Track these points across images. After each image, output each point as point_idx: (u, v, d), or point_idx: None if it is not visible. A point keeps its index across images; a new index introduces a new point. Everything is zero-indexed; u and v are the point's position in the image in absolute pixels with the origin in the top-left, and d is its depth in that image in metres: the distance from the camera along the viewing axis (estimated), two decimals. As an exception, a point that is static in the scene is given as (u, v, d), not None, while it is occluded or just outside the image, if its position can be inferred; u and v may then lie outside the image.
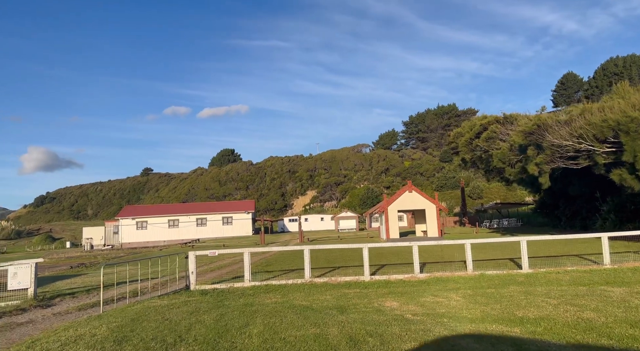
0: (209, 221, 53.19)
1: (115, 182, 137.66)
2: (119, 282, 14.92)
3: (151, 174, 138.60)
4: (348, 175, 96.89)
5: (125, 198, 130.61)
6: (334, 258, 18.04)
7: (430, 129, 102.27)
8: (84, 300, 11.46)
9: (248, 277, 11.73)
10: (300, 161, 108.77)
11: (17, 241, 67.51)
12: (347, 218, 54.25)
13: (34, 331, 7.65)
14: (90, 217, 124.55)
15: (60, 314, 9.47)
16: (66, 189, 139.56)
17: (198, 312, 8.49)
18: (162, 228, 51.78)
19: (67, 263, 31.67)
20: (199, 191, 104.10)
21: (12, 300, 11.01)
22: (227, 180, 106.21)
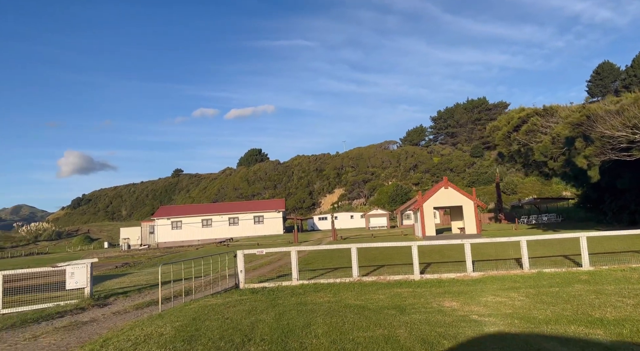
0: (241, 221, 53.82)
1: (148, 183, 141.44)
2: (166, 281, 15.20)
3: (182, 175, 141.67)
4: (376, 172, 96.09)
5: (157, 198, 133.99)
6: (373, 257, 17.76)
7: (459, 124, 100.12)
8: (138, 299, 11.68)
9: (296, 276, 11.67)
10: (327, 159, 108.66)
11: (57, 242, 70.33)
12: (378, 215, 53.76)
13: (100, 330, 7.80)
14: (125, 218, 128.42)
15: (120, 313, 9.66)
16: (101, 191, 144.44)
17: (255, 311, 8.46)
18: (196, 228, 52.76)
19: (108, 263, 32.70)
20: (228, 190, 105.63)
21: (71, 299, 11.34)
22: (255, 179, 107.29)
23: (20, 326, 8.72)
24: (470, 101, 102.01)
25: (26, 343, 7.09)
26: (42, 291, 12.67)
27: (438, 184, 30.51)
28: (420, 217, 28.92)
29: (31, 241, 70.21)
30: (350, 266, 14.60)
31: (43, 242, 70.12)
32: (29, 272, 11.88)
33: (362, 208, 76.37)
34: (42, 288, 12.78)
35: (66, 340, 7.16)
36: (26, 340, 7.30)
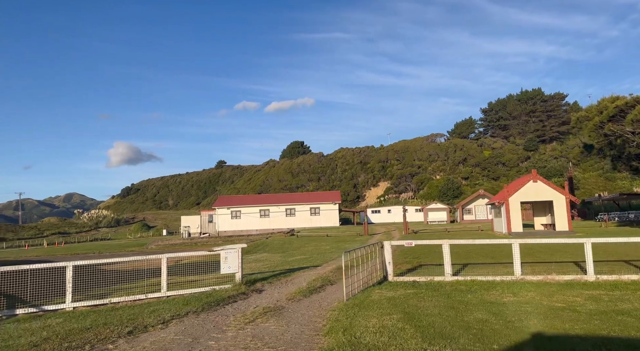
0: (298, 212, 54.07)
1: (193, 174, 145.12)
2: (290, 268, 15.20)
3: (224, 167, 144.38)
4: (422, 166, 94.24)
5: (202, 189, 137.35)
6: (466, 254, 16.76)
7: (512, 116, 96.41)
8: (286, 286, 11.63)
9: (449, 271, 11.24)
10: (371, 152, 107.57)
11: (117, 229, 73.34)
12: (437, 209, 52.61)
13: (308, 317, 7.66)
14: (171, 207, 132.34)
15: (293, 300, 9.54)
16: (149, 180, 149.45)
17: (451, 308, 8.05)
18: (254, 218, 53.48)
19: (172, 250, 33.54)
20: (273, 182, 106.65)
21: (225, 284, 11.42)
22: (299, 172, 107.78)
23: (208, 309, 8.76)
24: (524, 92, 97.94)
25: (254, 327, 7.03)
26: (189, 273, 12.90)
27: (524, 178, 29.25)
28: (505, 212, 27.84)
29: (92, 227, 73.54)
30: (478, 262, 14.07)
31: (103, 229, 73.28)
32: (187, 255, 12.07)
33: (412, 202, 75.12)
34: (189, 271, 13.01)
35: (292, 326, 7.04)
36: (248, 323, 7.25)
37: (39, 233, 65.92)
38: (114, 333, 6.96)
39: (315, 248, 24.55)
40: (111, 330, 7.10)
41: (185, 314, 8.29)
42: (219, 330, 7.06)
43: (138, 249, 42.65)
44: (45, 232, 66.46)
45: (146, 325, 7.45)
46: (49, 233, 66.27)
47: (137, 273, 12.87)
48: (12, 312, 9.25)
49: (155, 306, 9.18)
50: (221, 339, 6.45)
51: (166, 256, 11.14)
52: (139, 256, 11.85)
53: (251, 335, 6.56)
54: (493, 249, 17.66)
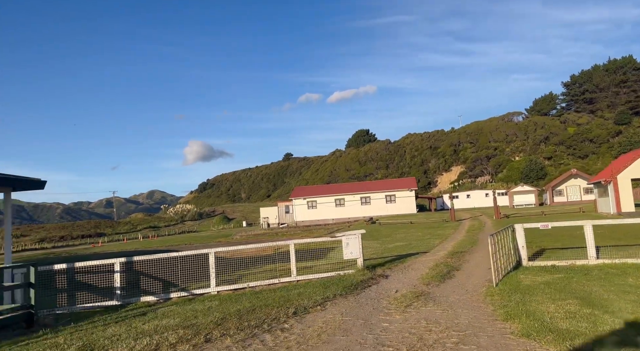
0: (373, 200, 53.73)
1: (262, 168, 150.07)
2: (399, 255, 15.05)
3: (292, 159, 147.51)
4: (499, 147, 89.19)
5: (271, 181, 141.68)
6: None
7: (599, 88, 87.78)
8: (408, 271, 11.47)
9: (593, 254, 10.36)
10: (441, 136, 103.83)
11: (200, 222, 77.96)
12: (524, 192, 49.52)
13: (474, 303, 7.44)
14: (244, 200, 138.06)
15: (431, 285, 9.34)
16: (222, 176, 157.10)
17: (625, 292, 7.39)
18: (329, 207, 54.03)
19: (256, 240, 34.68)
20: (340, 172, 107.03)
21: (346, 269, 11.53)
22: (366, 160, 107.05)
23: (351, 293, 8.84)
24: (612, 61, 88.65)
25: (416, 311, 6.95)
26: (300, 260, 13.22)
27: (633, 153, 26.49)
28: (614, 191, 25.40)
29: (178, 221, 78.82)
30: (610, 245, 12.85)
31: (188, 222, 78.23)
32: (311, 241, 12.39)
33: (491, 185, 71.51)
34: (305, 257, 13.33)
35: (459, 311, 6.86)
36: (407, 307, 7.19)
37: (133, 227, 71.98)
38: (280, 313, 7.22)
39: (407, 235, 24.16)
40: (276, 310, 7.38)
41: (333, 297, 8.43)
42: (381, 312, 7.06)
43: (224, 240, 44.84)
44: (138, 226, 72.44)
45: (304, 306, 7.66)
46: (141, 227, 72.14)
47: (248, 260, 13.44)
48: (168, 296, 10.03)
49: (297, 290, 9.45)
50: (393, 322, 6.43)
51: (293, 241, 11.46)
52: (269, 242, 12.34)
53: (423, 318, 6.47)
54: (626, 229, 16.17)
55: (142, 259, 10.43)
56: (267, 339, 6.02)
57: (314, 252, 14.64)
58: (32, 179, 9.29)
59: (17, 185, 9.05)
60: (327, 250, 17.69)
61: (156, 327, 6.97)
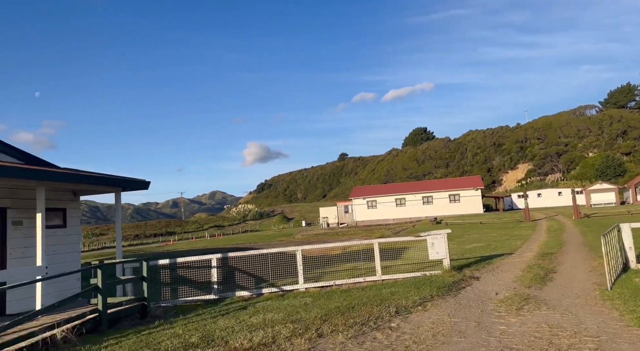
0: (435, 199, 52.29)
1: (317, 168, 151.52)
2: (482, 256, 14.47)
3: (347, 159, 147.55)
4: (571, 143, 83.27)
5: (326, 181, 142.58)
6: None
7: (690, 75, 78.98)
8: (498, 273, 10.97)
9: None
10: (505, 132, 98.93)
11: (261, 221, 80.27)
12: (602, 190, 45.78)
13: (594, 308, 6.96)
14: (300, 200, 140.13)
15: (532, 288, 8.85)
16: (279, 176, 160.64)
17: None
18: (390, 207, 53.32)
19: (317, 239, 34.86)
20: (397, 171, 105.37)
21: (432, 270, 11.26)
22: (424, 159, 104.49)
23: (447, 294, 8.60)
24: None
25: (530, 314, 6.61)
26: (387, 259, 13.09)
27: None
28: None
29: (241, 220, 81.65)
30: None
31: (250, 221, 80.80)
32: (395, 240, 12.29)
33: (563, 183, 66.91)
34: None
35: (581, 316, 6.42)
36: (517, 310, 6.85)
37: (200, 226, 75.61)
38: (382, 312, 7.17)
39: (481, 236, 23.19)
40: (377, 309, 7.34)
41: (431, 297, 8.25)
42: (491, 315, 6.79)
43: (286, 239, 45.75)
44: (204, 226, 75.98)
45: (404, 306, 7.55)
46: (207, 226, 75.59)
47: (322, 259, 13.48)
48: (260, 291, 10.35)
49: (388, 289, 9.36)
50: (510, 325, 6.14)
51: (377, 241, 11.40)
52: (348, 241, 12.37)
53: (543, 322, 6.13)
54: None
55: (235, 256, 10.86)
56: (378, 337, 5.99)
57: (387, 252, 14.44)
58: (139, 180, 9.99)
59: (126, 185, 9.77)
60: (400, 250, 17.43)
61: (264, 321, 7.19)
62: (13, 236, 8.51)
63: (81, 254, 10.50)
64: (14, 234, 8.53)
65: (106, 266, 7.84)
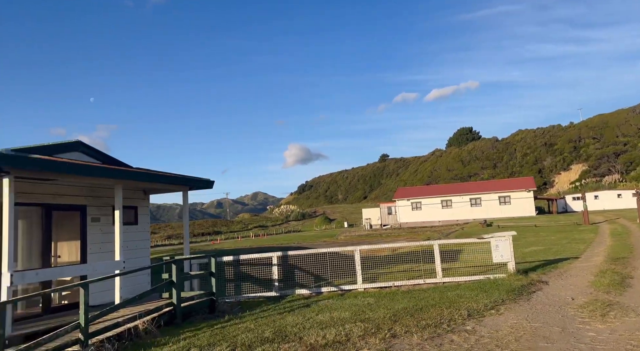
0: (484, 201, 50.56)
1: (358, 169, 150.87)
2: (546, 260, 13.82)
3: (388, 160, 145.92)
4: (630, 142, 77.93)
5: (367, 183, 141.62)
6: None
7: None
8: (566, 277, 10.40)
9: None
10: (557, 131, 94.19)
11: (303, 222, 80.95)
12: (671, 193, 42.35)
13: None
14: (341, 201, 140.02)
15: (612, 294, 8.30)
16: (319, 177, 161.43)
17: None
18: (435, 208, 52.13)
19: (360, 240, 34.54)
20: (441, 172, 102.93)
21: (495, 273, 10.85)
22: (470, 159, 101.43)
23: (518, 298, 8.24)
24: None
25: (620, 321, 6.21)
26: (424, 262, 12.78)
27: None
28: None
29: (283, 221, 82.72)
30: None
31: (292, 222, 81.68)
32: (456, 242, 12.02)
33: (623, 185, 62.74)
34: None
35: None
36: (602, 317, 6.46)
37: (245, 226, 77.32)
38: (454, 315, 6.98)
39: (538, 239, 22.15)
40: (448, 312, 7.16)
41: (502, 301, 7.94)
42: (573, 320, 6.43)
43: (329, 240, 45.82)
44: (249, 226, 77.62)
45: (475, 309, 7.32)
46: (251, 226, 77.18)
47: (373, 260, 13.31)
48: (319, 290, 10.40)
49: (453, 292, 9.11)
50: (599, 331, 5.79)
51: (438, 242, 11.15)
52: (412, 241, 12.19)
53: (637, 329, 5.72)
54: None
55: (294, 254, 10.98)
56: (456, 339, 5.83)
57: (442, 254, 14.04)
58: (204, 180, 10.33)
59: (192, 185, 10.13)
60: (456, 252, 16.97)
61: (331, 319, 7.20)
62: (91, 232, 9.04)
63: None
64: (92, 231, 9.06)
65: (172, 262, 8.15)
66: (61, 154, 8.09)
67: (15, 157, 6.13)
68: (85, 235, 8.85)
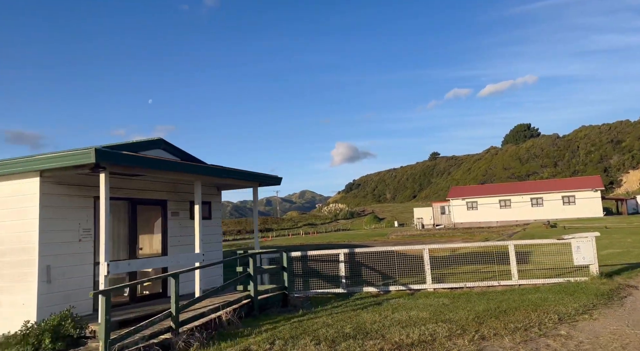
0: (546, 201, 47.85)
1: (407, 168, 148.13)
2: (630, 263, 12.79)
3: (438, 158, 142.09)
4: None
5: (417, 182, 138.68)
6: None
7: None
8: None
9: None
10: (626, 127, 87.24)
11: (352, 220, 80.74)
12: None
13: None
14: (389, 200, 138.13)
15: None
16: (367, 176, 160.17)
17: None
18: (492, 208, 50.04)
19: (412, 240, 33.63)
20: (497, 171, 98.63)
21: (577, 276, 10.18)
22: (529, 157, 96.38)
23: (610, 303, 7.66)
24: None
25: None
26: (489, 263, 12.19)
27: None
28: None
29: (332, 219, 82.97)
30: None
31: (341, 220, 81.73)
32: (534, 242, 11.48)
33: None
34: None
35: None
36: None
37: (294, 224, 78.41)
38: (543, 318, 6.61)
39: (613, 241, 20.57)
40: (536, 315, 6.79)
41: (593, 306, 7.41)
42: (684, 329, 5.86)
43: (380, 239, 45.29)
44: (298, 223, 78.61)
45: (566, 313, 6.88)
46: (301, 224, 78.10)
47: (434, 260, 12.83)
48: (387, 288, 10.26)
49: (535, 294, 8.64)
50: None
51: (513, 243, 10.65)
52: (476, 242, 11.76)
53: None
54: None
55: (360, 252, 10.92)
56: (552, 344, 5.50)
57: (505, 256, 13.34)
58: (274, 176, 10.52)
59: (262, 181, 10.34)
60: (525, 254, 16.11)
61: (410, 318, 7.06)
62: (171, 226, 9.47)
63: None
64: (172, 224, 9.49)
65: (249, 256, 8.35)
66: (145, 151, 8.54)
67: (112, 153, 6.52)
68: (166, 228, 9.29)
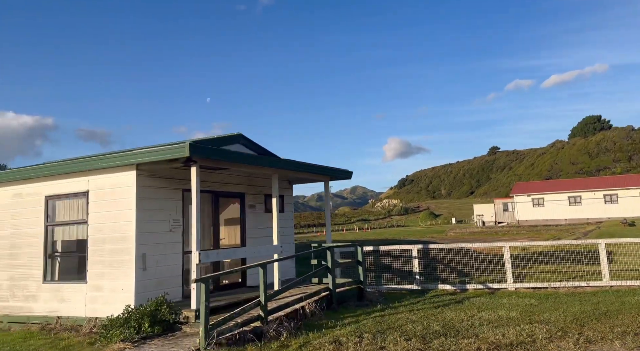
0: (621, 198, 44.16)
1: (464, 163, 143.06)
2: None
3: (498, 153, 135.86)
4: None
5: (474, 177, 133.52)
6: None
7: None
8: None
9: None
10: None
11: (406, 217, 79.35)
12: None
13: None
14: (444, 196, 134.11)
15: None
16: (421, 172, 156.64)
17: None
18: (561, 205, 46.98)
19: (473, 238, 32.11)
20: (563, 165, 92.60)
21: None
22: (599, 151, 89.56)
23: None
24: None
25: None
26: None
27: None
28: None
29: (386, 215, 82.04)
30: None
31: (395, 216, 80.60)
32: (629, 241, 10.66)
33: None
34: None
35: None
36: None
37: (347, 219, 78.39)
38: (635, 323, 6.05)
39: None
40: (629, 319, 6.25)
41: None
42: None
43: (437, 236, 44.02)
44: (351, 219, 78.55)
45: (678, 320, 6.25)
46: (354, 219, 77.96)
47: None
48: (464, 287, 9.92)
49: (634, 297, 7.96)
50: None
51: (604, 241, 9.89)
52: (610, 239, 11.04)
53: None
54: None
55: (434, 248, 10.63)
56: (672, 353, 5.00)
57: (579, 255, 12.33)
58: (344, 170, 10.51)
59: (333, 175, 10.37)
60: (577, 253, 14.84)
61: (499, 318, 6.75)
62: (249, 218, 9.75)
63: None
64: (249, 217, 9.77)
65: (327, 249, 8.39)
66: (225, 146, 8.82)
67: (203, 148, 6.79)
68: (245, 220, 9.58)
